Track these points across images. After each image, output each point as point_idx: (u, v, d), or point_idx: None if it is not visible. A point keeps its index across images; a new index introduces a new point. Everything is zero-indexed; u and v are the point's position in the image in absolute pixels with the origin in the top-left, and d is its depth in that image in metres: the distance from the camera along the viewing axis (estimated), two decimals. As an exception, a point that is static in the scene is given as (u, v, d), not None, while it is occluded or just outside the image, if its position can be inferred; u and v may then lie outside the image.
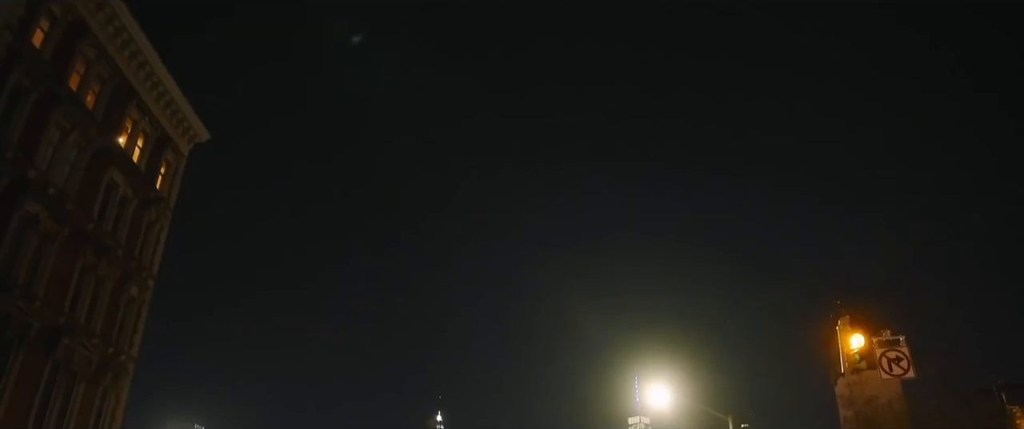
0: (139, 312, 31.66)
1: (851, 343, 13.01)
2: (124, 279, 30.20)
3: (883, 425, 34.52)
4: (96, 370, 28.16)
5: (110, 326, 29.33)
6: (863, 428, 35.67)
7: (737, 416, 29.82)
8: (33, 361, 24.70)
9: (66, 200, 26.13)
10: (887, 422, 34.62)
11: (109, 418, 29.22)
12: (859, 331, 13.07)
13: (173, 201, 34.77)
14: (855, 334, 13.02)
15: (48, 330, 25.28)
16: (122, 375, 30.13)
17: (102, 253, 28.45)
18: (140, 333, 31.61)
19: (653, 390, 27.73)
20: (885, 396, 38.91)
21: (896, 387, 41.24)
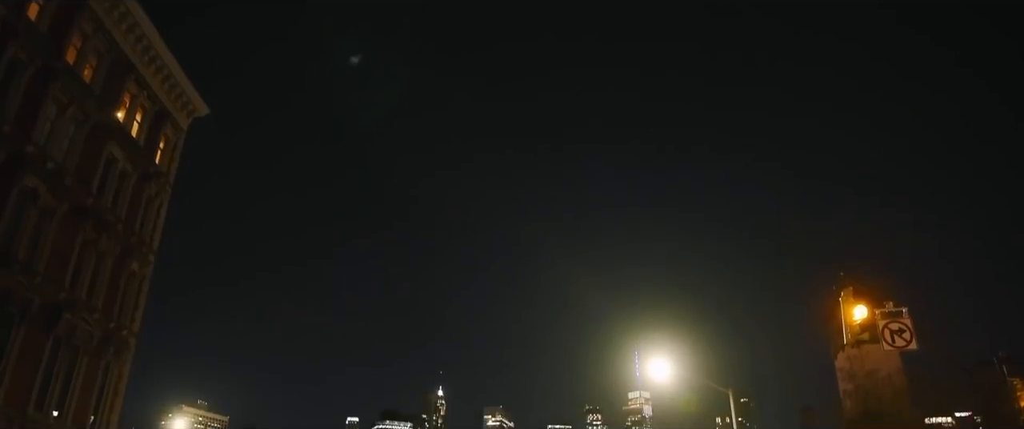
0: (140, 287, 31.65)
1: (854, 314, 12.90)
2: (124, 254, 30.14)
3: (883, 399, 34.74)
4: (98, 345, 28.21)
5: (111, 301, 29.33)
6: (863, 402, 35.90)
7: (737, 390, 29.86)
8: (35, 336, 24.73)
9: (65, 175, 26.00)
10: (887, 395, 34.83)
11: (111, 393, 29.34)
12: (862, 302, 12.95)
13: (173, 176, 34.63)
14: (858, 305, 12.91)
15: (49, 305, 25.27)
16: (124, 350, 30.19)
17: (102, 228, 28.36)
18: (141, 308, 31.62)
19: (653, 363, 27.68)
20: (885, 369, 39.11)
21: (896, 360, 41.48)
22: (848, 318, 12.96)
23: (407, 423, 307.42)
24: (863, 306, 12.88)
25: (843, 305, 13.03)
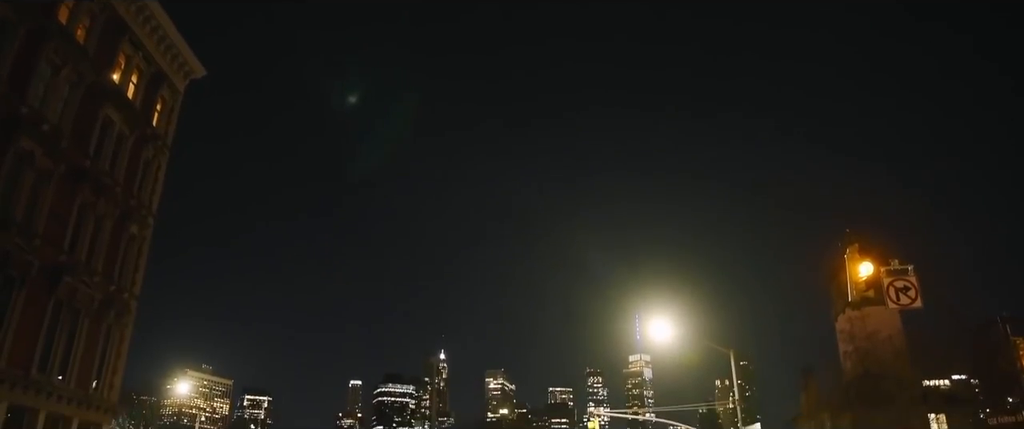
0: (140, 250, 31.59)
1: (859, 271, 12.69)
2: (123, 217, 30.02)
3: (883, 359, 34.95)
4: (99, 308, 28.23)
5: (111, 264, 29.29)
6: (863, 362, 36.13)
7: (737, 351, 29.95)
8: (36, 299, 24.72)
9: (61, 137, 25.74)
10: (887, 357, 35.05)
11: (114, 355, 29.45)
12: (868, 259, 12.75)
13: (171, 139, 34.35)
14: (864, 262, 12.71)
15: (49, 268, 25.21)
16: (125, 313, 30.24)
17: (100, 191, 28.18)
18: (141, 271, 31.61)
19: (655, 324, 27.72)
20: (886, 331, 39.41)
21: (897, 322, 41.75)
22: (853, 275, 12.79)
23: (409, 386, 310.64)
24: (869, 263, 12.69)
25: (848, 262, 12.89)
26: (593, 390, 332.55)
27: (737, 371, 29.67)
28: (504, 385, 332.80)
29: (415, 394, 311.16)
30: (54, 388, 25.48)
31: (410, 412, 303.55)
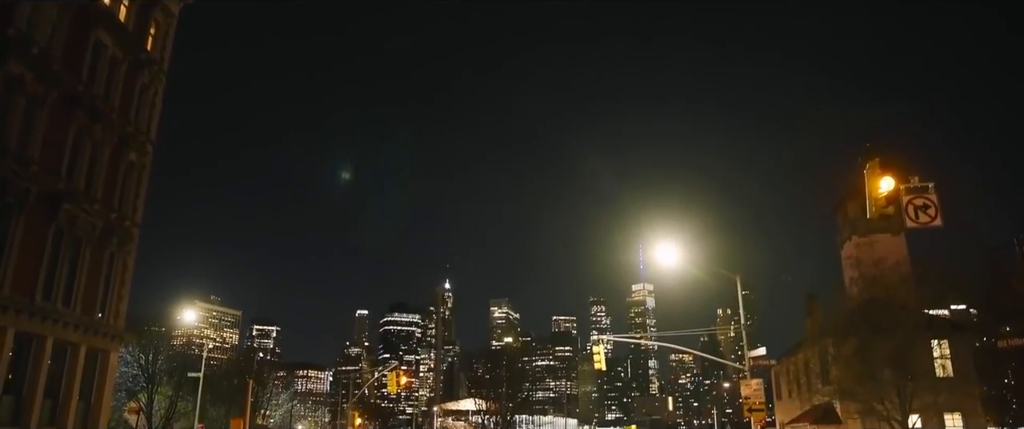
0: (140, 178, 31.16)
1: (879, 185, 12.13)
2: (121, 144, 29.48)
3: (890, 286, 34.80)
4: (100, 236, 27.99)
5: (111, 192, 28.91)
6: (869, 289, 36.03)
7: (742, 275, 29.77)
8: (36, 227, 24.45)
9: (52, 61, 24.98)
10: (894, 283, 34.87)
11: (118, 283, 29.37)
12: (888, 174, 12.20)
13: (166, 64, 33.48)
14: (884, 177, 12.16)
15: (47, 196, 24.85)
16: (127, 241, 30.03)
17: (96, 117, 27.56)
18: (142, 198, 31.25)
19: (660, 249, 27.42)
20: (893, 257, 39.14)
21: (903, 249, 41.50)
22: (873, 190, 12.23)
23: (415, 315, 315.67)
24: (890, 178, 12.15)
25: (868, 177, 12.28)
26: (596, 319, 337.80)
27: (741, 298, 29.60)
28: (508, 314, 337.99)
29: (421, 323, 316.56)
30: (59, 315, 25.46)
31: (416, 340, 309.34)
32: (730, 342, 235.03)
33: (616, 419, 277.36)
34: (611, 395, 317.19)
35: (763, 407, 30.00)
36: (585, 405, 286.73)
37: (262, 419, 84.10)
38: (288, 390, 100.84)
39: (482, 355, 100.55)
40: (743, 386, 27.97)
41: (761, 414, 29.10)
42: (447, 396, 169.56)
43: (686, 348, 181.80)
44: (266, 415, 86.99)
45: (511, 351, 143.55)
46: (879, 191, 12.04)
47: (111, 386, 30.27)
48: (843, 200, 46.14)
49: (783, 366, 46.04)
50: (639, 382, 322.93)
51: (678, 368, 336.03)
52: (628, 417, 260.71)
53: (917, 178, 12.52)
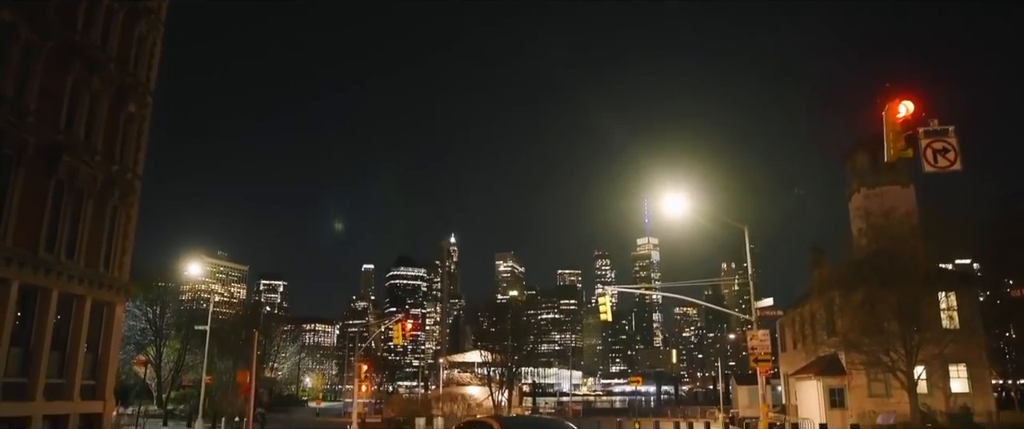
0: (140, 129, 30.72)
1: (898, 110, 11.68)
2: (120, 95, 28.98)
3: (899, 237, 34.49)
4: (102, 188, 27.70)
5: (111, 143, 28.51)
6: (878, 240, 35.72)
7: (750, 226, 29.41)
8: (35, 179, 24.16)
9: (45, 8, 24.37)
10: (903, 234, 34.55)
11: (121, 236, 29.17)
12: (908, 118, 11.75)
13: (164, 12, 32.77)
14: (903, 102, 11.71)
15: (46, 147, 24.48)
16: (130, 193, 29.74)
17: (93, 67, 27.02)
18: (143, 151, 30.85)
19: (668, 199, 27.02)
20: (903, 208, 38.78)
21: (912, 201, 41.10)
22: (891, 119, 11.75)
23: (421, 269, 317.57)
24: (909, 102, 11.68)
25: (887, 118, 11.82)
26: (601, 272, 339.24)
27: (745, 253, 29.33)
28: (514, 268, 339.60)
29: (426, 277, 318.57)
30: (63, 268, 25.33)
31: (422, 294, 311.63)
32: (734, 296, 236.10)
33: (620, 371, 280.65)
34: (615, 348, 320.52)
35: (769, 358, 29.96)
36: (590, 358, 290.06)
37: (270, 371, 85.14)
38: (295, 343, 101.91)
39: (487, 308, 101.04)
40: (749, 336, 27.82)
41: (767, 364, 29.03)
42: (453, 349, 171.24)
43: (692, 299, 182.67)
44: (274, 368, 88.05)
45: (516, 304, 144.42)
46: (897, 116, 11.58)
47: (118, 339, 30.33)
48: (852, 152, 45.59)
49: (788, 318, 46.08)
50: (643, 335, 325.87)
51: (682, 321, 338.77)
52: (632, 369, 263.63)
53: (936, 121, 12.08)
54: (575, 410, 77.80)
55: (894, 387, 34.48)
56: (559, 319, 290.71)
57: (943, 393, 34.86)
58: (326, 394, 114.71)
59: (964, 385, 36.71)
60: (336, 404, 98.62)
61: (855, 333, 33.22)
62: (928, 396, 33.75)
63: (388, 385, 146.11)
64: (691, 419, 41.74)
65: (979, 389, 36.56)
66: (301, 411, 79.16)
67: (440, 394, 66.86)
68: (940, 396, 34.49)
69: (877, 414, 31.61)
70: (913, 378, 32.22)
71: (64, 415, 25.59)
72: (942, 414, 31.91)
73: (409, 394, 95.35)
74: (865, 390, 36.46)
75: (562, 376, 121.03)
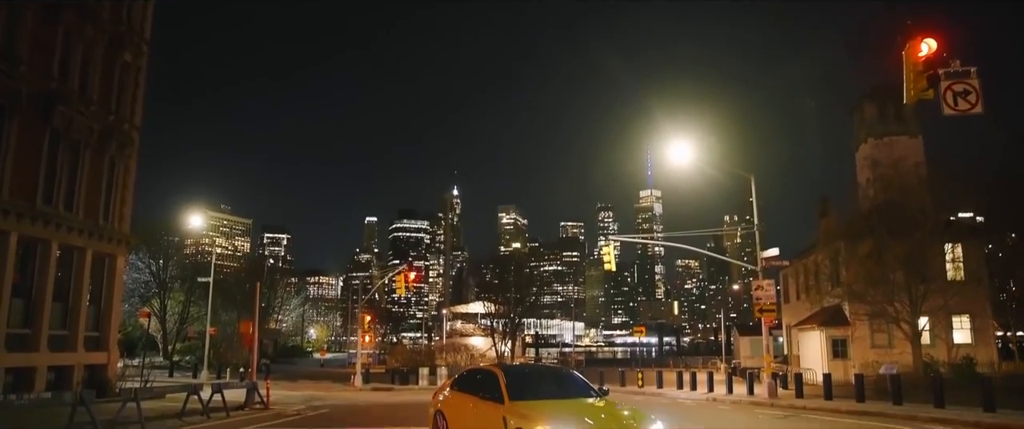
0: (136, 80, 30.13)
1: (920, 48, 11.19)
2: (114, 44, 28.33)
3: (907, 187, 34.07)
4: (99, 139, 27.28)
5: (107, 94, 28.00)
6: (886, 190, 35.32)
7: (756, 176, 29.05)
8: (30, 129, 23.77)
9: (33, -46, 23.66)
10: (912, 185, 34.13)
11: (120, 187, 28.86)
12: (929, 56, 11.25)
13: (156, -41, 31.89)
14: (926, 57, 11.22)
15: (40, 97, 24.03)
16: (127, 144, 29.32)
17: (86, 16, 26.35)
18: (140, 102, 30.31)
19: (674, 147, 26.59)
20: (912, 158, 38.27)
21: (920, 152, 40.54)
22: (912, 58, 11.26)
23: (423, 221, 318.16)
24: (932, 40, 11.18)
25: (907, 54, 11.31)
26: (604, 224, 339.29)
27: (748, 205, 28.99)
28: (516, 220, 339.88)
29: (429, 229, 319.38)
30: (62, 219, 25.10)
31: (425, 247, 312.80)
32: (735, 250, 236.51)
33: (622, 323, 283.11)
34: (617, 300, 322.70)
35: (774, 307, 29.92)
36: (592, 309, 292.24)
37: (275, 323, 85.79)
38: (299, 295, 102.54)
39: (490, 260, 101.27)
40: (755, 286, 27.68)
41: (772, 315, 29.01)
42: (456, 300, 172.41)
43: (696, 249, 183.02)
44: (278, 320, 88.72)
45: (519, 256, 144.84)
46: (919, 53, 11.09)
47: (120, 290, 30.28)
48: (861, 101, 44.88)
49: (791, 269, 45.95)
50: (645, 287, 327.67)
51: (684, 274, 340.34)
52: (634, 321, 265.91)
53: (958, 62, 11.59)
54: (577, 360, 78.57)
55: (897, 338, 34.47)
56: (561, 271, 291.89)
57: (945, 344, 34.86)
58: (331, 346, 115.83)
59: (966, 336, 36.72)
60: (341, 355, 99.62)
61: (860, 284, 33.05)
62: (930, 347, 33.74)
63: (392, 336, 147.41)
64: (694, 369, 41.96)
65: (982, 340, 36.57)
66: (306, 362, 79.98)
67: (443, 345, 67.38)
68: (942, 347, 34.50)
69: (880, 364, 31.60)
70: (918, 329, 32.15)
71: (69, 366, 25.65)
72: (944, 364, 31.93)
73: (413, 345, 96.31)
74: (868, 341, 36.49)
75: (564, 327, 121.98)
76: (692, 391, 32.89)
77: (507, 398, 10.86)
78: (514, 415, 10.29)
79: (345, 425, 19.31)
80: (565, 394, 11.60)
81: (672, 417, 10.81)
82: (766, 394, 27.06)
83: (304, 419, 21.24)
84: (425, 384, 38.88)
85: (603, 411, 10.58)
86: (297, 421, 20.51)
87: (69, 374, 25.55)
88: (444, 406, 12.87)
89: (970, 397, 21.31)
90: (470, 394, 12.08)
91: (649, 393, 33.23)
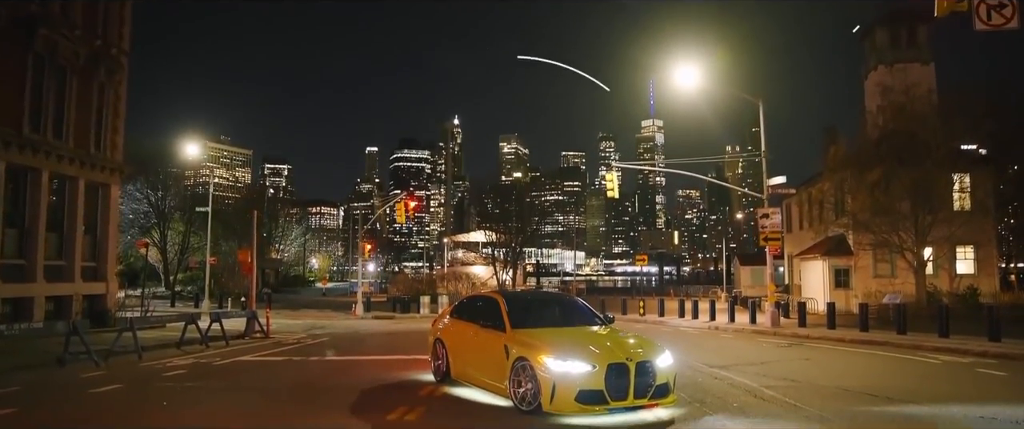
0: (123, 3, 28.93)
1: None
2: (97, -36, 27.15)
3: (919, 114, 33.25)
4: (86, 64, 26.37)
5: (92, 18, 26.90)
6: (896, 118, 34.50)
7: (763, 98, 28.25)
8: (12, 53, 22.92)
9: None
10: (924, 112, 33.33)
11: (111, 114, 28.10)
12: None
13: None
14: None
15: (20, 19, 23.03)
16: (117, 70, 28.39)
17: (65, -67, 25.15)
18: (128, 26, 29.20)
19: (682, 71, 25.69)
20: (925, 85, 37.29)
21: (932, 79, 39.49)
22: None
23: (424, 151, 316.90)
24: None
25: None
26: (605, 154, 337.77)
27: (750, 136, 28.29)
28: (518, 149, 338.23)
29: (430, 159, 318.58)
30: (52, 147, 24.48)
31: (426, 176, 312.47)
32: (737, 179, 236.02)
33: (622, 252, 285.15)
34: (618, 230, 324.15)
35: (780, 236, 29.57)
36: (593, 239, 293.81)
37: (276, 253, 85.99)
38: (301, 225, 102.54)
39: (492, 189, 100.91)
40: (761, 214, 27.20)
41: (777, 243, 28.64)
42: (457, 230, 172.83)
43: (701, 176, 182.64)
44: (280, 250, 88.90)
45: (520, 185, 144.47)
46: None
47: (116, 220, 29.87)
48: (872, 27, 43.50)
49: (795, 199, 45.49)
50: (646, 217, 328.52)
51: (685, 204, 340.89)
52: (634, 251, 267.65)
53: (992, -28, 10.78)
54: (578, 289, 78.95)
55: (900, 268, 34.24)
56: (563, 200, 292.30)
57: (948, 274, 34.64)
58: (333, 276, 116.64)
59: (969, 266, 36.50)
60: (342, 284, 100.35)
61: (866, 213, 32.57)
62: (933, 277, 33.53)
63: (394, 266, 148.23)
64: (695, 298, 42.00)
65: (985, 270, 36.36)
66: (308, 291, 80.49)
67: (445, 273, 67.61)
68: (944, 277, 34.30)
69: (882, 294, 31.41)
70: (923, 258, 31.86)
71: (67, 296, 25.48)
72: (946, 294, 31.78)
73: (415, 274, 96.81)
74: (870, 270, 36.29)
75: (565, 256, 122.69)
76: (693, 320, 32.86)
77: (509, 326, 10.50)
78: (516, 343, 9.95)
79: (344, 353, 19.17)
80: (569, 322, 11.21)
81: (676, 345, 10.60)
82: (769, 323, 26.94)
83: (303, 347, 21.12)
84: (426, 312, 38.91)
85: (608, 339, 10.21)
86: (296, 349, 20.39)
87: (67, 304, 25.40)
88: (444, 334, 12.54)
89: (973, 327, 21.17)
90: (471, 322, 11.73)
91: (651, 321, 33.23)
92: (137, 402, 11.44)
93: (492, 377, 10.39)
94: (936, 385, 13.20)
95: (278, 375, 14.85)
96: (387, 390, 12.11)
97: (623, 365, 9.19)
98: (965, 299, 30.50)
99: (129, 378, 13.91)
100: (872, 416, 9.70)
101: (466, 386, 11.53)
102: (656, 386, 9.34)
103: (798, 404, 10.37)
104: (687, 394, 10.84)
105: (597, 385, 8.99)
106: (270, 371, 15.54)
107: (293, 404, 10.99)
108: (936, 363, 16.21)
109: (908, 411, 10.07)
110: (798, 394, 11.28)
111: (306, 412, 10.20)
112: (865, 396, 11.18)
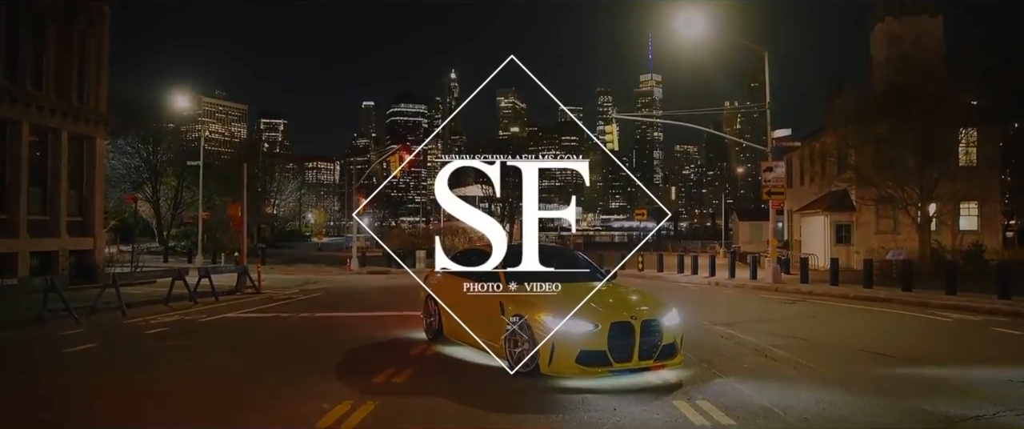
0: (102, -53, 27.79)
1: None
2: (73, -96, 25.87)
3: (927, 65, 32.26)
4: (64, 12, 25.28)
5: (70, -39, 25.79)
6: (903, 71, 33.53)
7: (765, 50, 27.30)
8: (-15, -1, 21.94)
9: None
10: (933, 63, 32.35)
11: (94, 65, 27.08)
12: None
13: None
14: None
15: (-7, -37, 22.03)
16: (98, 20, 27.27)
17: None
18: (108, -29, 28.07)
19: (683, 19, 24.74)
20: (935, 36, 36.26)
21: (941, 31, 38.42)
22: None
23: (421, 105, 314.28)
24: None
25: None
26: (603, 109, 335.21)
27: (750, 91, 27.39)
28: (515, 104, 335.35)
29: (427, 113, 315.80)
30: (32, 98, 23.62)
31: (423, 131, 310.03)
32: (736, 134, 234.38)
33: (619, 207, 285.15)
34: (615, 185, 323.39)
35: (783, 189, 28.92)
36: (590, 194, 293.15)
37: (272, 208, 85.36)
38: (297, 180, 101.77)
39: (489, 144, 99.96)
40: (764, 167, 26.52)
41: (780, 197, 28.02)
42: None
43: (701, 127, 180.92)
44: (276, 204, 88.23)
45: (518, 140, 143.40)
46: None
47: (101, 173, 29.06)
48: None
49: (796, 153, 44.74)
50: (643, 173, 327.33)
51: (682, 159, 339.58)
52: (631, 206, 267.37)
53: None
54: (576, 243, 78.55)
55: (902, 224, 33.71)
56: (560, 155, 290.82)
57: (951, 230, 34.13)
58: (329, 230, 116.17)
59: (973, 223, 35.96)
60: (338, 239, 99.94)
61: (870, 168, 31.89)
62: (936, 233, 33.02)
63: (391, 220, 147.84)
64: (694, 253, 41.54)
65: (989, 227, 35.82)
66: (304, 246, 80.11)
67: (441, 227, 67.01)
68: (947, 233, 33.80)
69: (884, 250, 30.93)
70: (928, 214, 31.29)
71: (52, 252, 24.86)
72: (949, 251, 31.30)
73: (411, 229, 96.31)
74: (872, 226, 35.76)
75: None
76: (693, 275, 32.42)
77: (505, 282, 9.89)
78: (512, 301, 9.35)
79: (335, 309, 18.64)
80: (569, 278, 10.59)
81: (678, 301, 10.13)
82: (770, 279, 26.48)
83: (294, 303, 20.62)
84: (421, 267, 38.45)
85: (611, 296, 9.59)
86: (286, 305, 19.88)
87: (54, 260, 24.80)
88: (436, 289, 11.91)
89: (979, 284, 20.68)
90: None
91: (650, 277, 32.81)
92: (109, 363, 10.87)
93: (487, 336, 9.80)
94: (953, 345, 12.70)
95: (264, 333, 14.32)
96: (376, 349, 11.58)
97: (627, 324, 8.62)
98: (970, 256, 30.00)
99: (107, 336, 13.36)
100: (895, 379, 9.13)
101: (459, 345, 10.99)
102: (662, 346, 8.79)
103: (812, 366, 9.84)
104: (693, 354, 10.29)
105: (599, 345, 8.43)
106: (256, 329, 15.00)
107: (274, 366, 10.43)
108: (947, 321, 15.71)
109: (930, 373, 9.53)
110: (810, 354, 10.75)
111: (287, 374, 9.62)
112: (882, 357, 10.66)
